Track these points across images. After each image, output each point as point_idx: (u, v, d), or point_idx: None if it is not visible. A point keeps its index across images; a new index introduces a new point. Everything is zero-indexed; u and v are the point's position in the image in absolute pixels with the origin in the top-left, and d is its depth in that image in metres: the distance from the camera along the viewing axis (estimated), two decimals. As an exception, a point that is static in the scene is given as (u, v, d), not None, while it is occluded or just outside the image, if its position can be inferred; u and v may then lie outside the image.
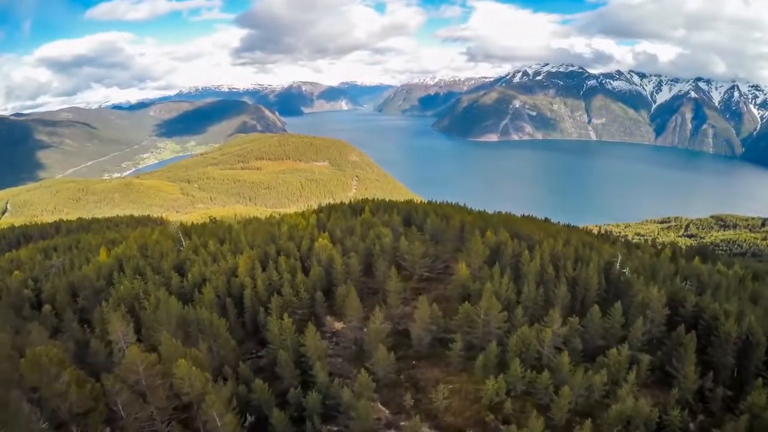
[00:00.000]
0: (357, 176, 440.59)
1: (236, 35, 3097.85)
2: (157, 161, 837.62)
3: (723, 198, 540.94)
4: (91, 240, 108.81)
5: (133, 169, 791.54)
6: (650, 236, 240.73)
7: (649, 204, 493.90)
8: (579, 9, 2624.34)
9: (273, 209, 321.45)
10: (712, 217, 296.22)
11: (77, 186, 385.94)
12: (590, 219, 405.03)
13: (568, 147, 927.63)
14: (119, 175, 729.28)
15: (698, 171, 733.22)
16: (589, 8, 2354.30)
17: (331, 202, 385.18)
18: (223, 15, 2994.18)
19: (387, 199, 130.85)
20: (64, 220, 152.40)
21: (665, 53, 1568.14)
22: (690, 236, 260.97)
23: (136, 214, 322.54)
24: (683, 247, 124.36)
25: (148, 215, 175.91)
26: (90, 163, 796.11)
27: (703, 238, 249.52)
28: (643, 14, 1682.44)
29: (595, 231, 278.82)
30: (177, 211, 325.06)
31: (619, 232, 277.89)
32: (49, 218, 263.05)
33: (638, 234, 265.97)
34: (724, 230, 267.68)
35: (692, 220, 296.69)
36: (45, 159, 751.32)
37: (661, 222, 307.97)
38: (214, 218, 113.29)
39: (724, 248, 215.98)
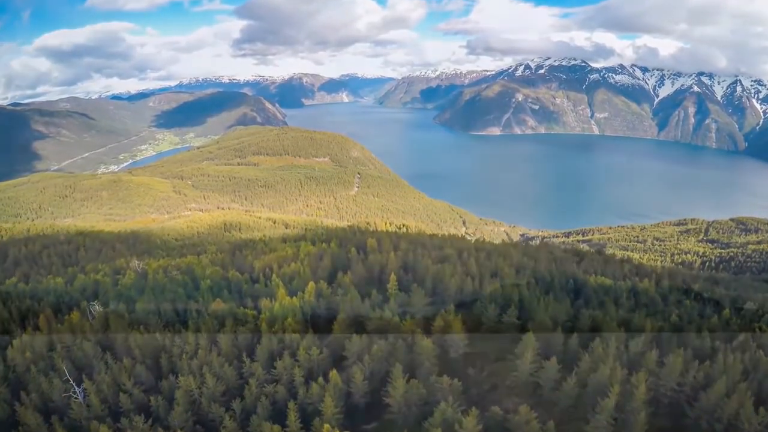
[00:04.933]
0: (359, 173, 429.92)
1: (237, 26, 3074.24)
2: (155, 153, 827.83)
3: (730, 195, 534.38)
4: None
5: (130, 161, 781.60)
6: (671, 241, 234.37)
7: (657, 201, 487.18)
8: (580, 3, 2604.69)
9: (270, 210, 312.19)
10: (731, 220, 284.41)
11: (65, 182, 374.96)
12: (601, 219, 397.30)
13: (572, 141, 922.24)
14: (116, 167, 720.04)
15: (703, 167, 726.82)
16: (590, 2, 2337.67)
17: (333, 199, 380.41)
18: (224, 6, 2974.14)
19: (418, 231, 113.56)
20: (15, 239, 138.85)
21: (666, 47, 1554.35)
22: (711, 242, 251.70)
23: (122, 214, 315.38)
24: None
25: (119, 233, 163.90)
26: (87, 154, 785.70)
27: (727, 244, 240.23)
28: (645, 8, 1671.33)
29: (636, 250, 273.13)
30: (168, 212, 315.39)
31: (636, 236, 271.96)
32: (31, 219, 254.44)
33: (657, 239, 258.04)
34: (746, 234, 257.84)
35: (711, 223, 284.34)
36: (42, 150, 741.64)
37: (678, 224, 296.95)
38: (177, 267, 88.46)
39: (757, 260, 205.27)
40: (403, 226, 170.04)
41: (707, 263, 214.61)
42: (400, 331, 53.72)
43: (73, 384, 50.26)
